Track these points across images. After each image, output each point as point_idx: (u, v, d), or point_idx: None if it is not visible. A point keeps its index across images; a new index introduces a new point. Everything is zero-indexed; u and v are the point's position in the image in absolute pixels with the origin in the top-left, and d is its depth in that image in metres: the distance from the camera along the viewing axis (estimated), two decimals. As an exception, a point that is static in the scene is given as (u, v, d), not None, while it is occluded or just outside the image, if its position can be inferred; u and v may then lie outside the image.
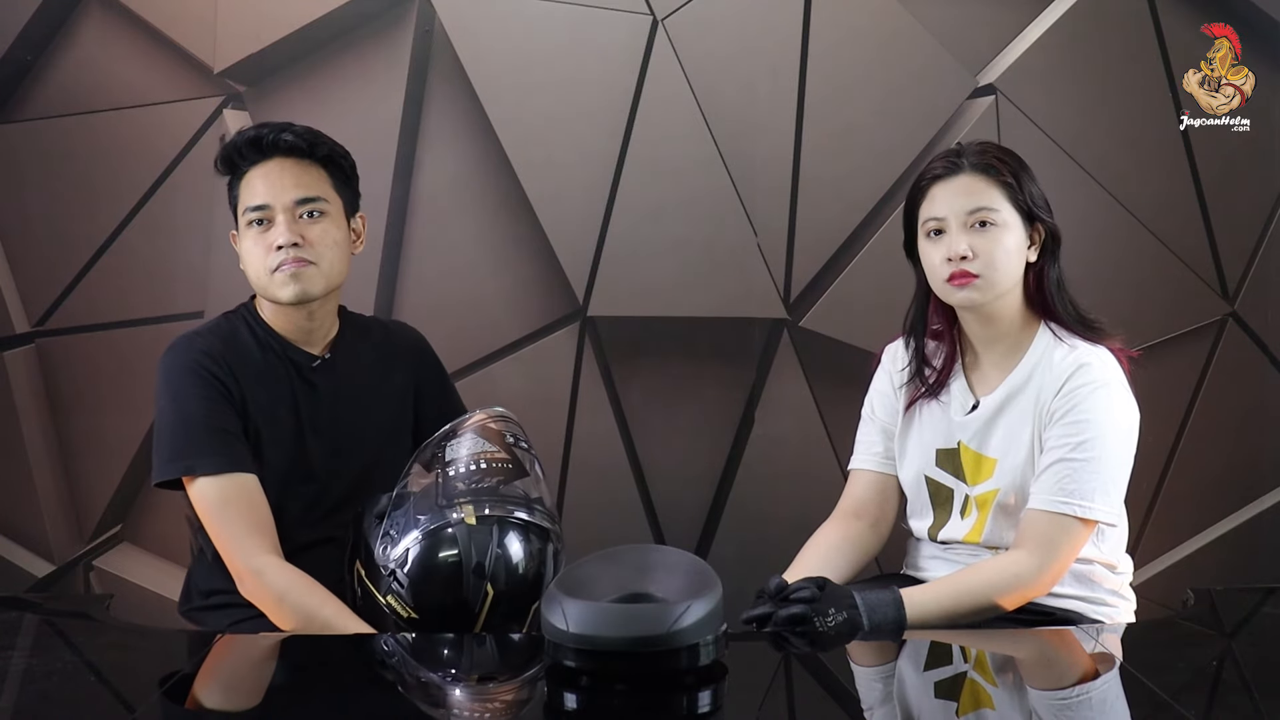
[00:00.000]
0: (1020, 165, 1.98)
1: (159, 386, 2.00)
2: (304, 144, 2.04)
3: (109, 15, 2.83)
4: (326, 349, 2.09)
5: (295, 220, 2.01)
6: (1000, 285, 1.94)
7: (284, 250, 1.99)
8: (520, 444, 1.95)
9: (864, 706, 1.58)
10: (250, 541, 1.92)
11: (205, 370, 1.97)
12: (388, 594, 1.84)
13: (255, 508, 1.94)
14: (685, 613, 1.48)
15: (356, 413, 2.09)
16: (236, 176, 2.05)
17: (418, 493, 1.87)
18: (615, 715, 1.49)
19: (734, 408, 2.95)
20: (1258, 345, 3.03)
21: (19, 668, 1.63)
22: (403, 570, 1.82)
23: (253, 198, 2.01)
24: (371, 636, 1.84)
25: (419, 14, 2.85)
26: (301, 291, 2.00)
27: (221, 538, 1.94)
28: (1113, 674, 1.66)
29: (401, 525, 1.85)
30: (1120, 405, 1.92)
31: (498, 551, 1.82)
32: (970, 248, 1.92)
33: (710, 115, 2.89)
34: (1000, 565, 1.90)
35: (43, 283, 2.87)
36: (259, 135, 2.03)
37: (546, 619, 1.52)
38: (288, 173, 2.02)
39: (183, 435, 1.95)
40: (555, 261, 2.89)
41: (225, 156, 2.04)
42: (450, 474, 1.86)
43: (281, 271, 1.99)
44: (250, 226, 2.02)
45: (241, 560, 1.92)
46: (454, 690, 1.65)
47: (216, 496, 1.93)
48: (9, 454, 2.88)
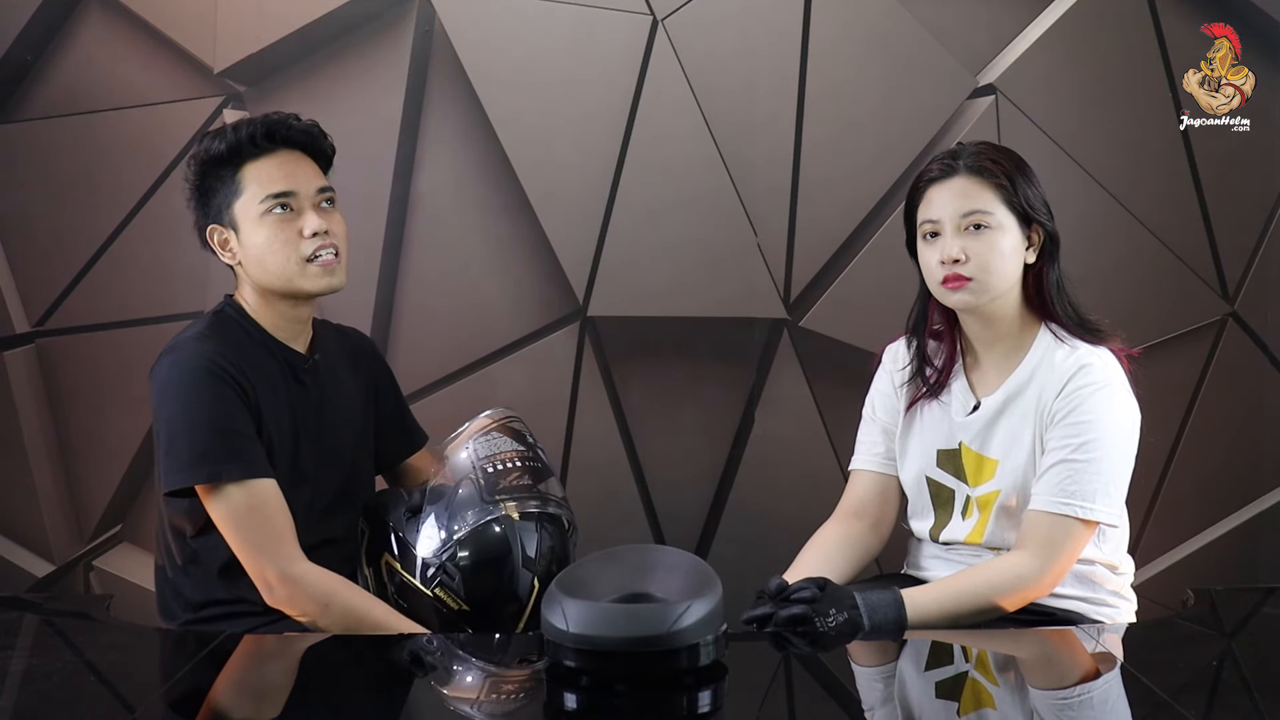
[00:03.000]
0: (1018, 166, 1.97)
1: (164, 391, 1.92)
2: (311, 138, 2.03)
3: (109, 15, 2.83)
4: (310, 349, 2.08)
5: (318, 209, 1.99)
6: (994, 288, 1.94)
7: (318, 238, 1.96)
8: (539, 444, 2.07)
9: (865, 707, 1.58)
10: (283, 550, 1.89)
11: (220, 372, 1.91)
12: (436, 586, 1.91)
13: (282, 512, 1.91)
14: (685, 613, 1.48)
15: (339, 413, 2.07)
16: (233, 167, 1.97)
17: (457, 488, 1.96)
18: (615, 715, 1.49)
19: (734, 408, 2.95)
20: (1258, 345, 3.03)
21: (19, 668, 1.63)
22: (452, 563, 1.91)
23: (273, 185, 1.96)
24: (369, 638, 1.85)
25: (419, 14, 2.85)
26: (333, 284, 1.99)
27: (248, 546, 1.89)
28: (1113, 674, 1.66)
29: (445, 519, 1.94)
30: (1122, 406, 1.92)
31: (543, 545, 1.95)
32: (964, 251, 1.92)
33: (710, 115, 2.89)
34: (1002, 566, 1.90)
35: (43, 283, 2.87)
36: (274, 123, 1.99)
37: (546, 619, 1.52)
38: (304, 163, 2.01)
39: (202, 440, 1.89)
40: (555, 261, 2.89)
41: (233, 146, 1.96)
42: (489, 470, 1.97)
43: (318, 263, 1.96)
44: (269, 215, 1.95)
45: (275, 569, 1.88)
46: (454, 690, 1.65)
47: (244, 503, 1.89)
48: (9, 454, 2.88)
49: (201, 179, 2.01)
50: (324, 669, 1.72)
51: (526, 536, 1.94)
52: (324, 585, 1.90)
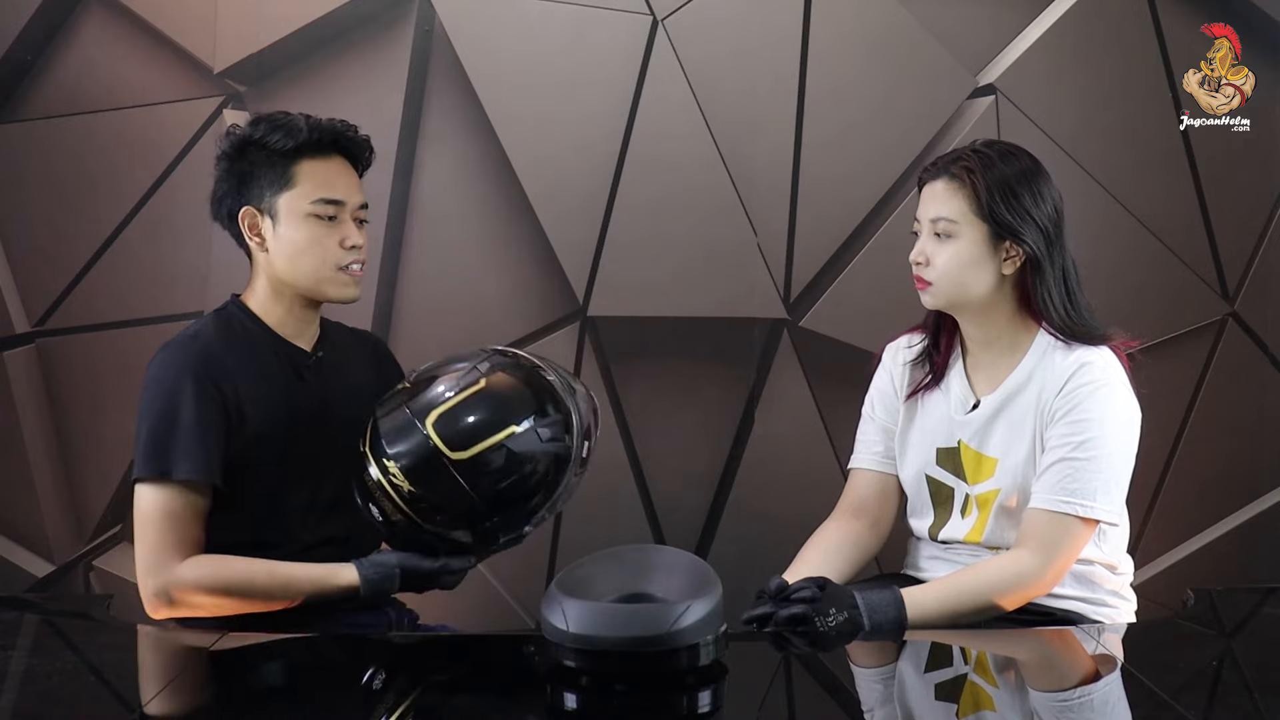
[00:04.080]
0: (1010, 177, 1.92)
1: (143, 387, 1.95)
2: (362, 152, 2.07)
3: (109, 15, 2.83)
4: (315, 347, 2.09)
5: (357, 224, 2.04)
6: (951, 294, 1.95)
7: (355, 251, 2.01)
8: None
9: (864, 707, 1.58)
10: (171, 561, 1.89)
11: (189, 372, 1.92)
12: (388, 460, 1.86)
13: (188, 525, 1.91)
14: (685, 613, 1.48)
15: (346, 410, 2.08)
16: (289, 159, 1.99)
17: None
18: (615, 715, 1.49)
19: (734, 408, 2.95)
20: (1258, 345, 3.03)
21: (19, 668, 1.63)
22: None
23: (327, 190, 1.99)
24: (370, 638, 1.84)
25: (419, 14, 2.85)
26: (356, 295, 2.05)
27: (142, 547, 1.90)
28: (1114, 675, 1.66)
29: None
30: (1122, 405, 1.92)
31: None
32: (925, 254, 1.95)
33: (710, 115, 2.89)
34: (1001, 565, 1.90)
35: (43, 283, 2.87)
36: (340, 131, 2.02)
37: (546, 619, 1.52)
38: (352, 174, 2.05)
39: (144, 438, 1.91)
40: (555, 261, 2.89)
41: (300, 141, 1.97)
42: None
43: (350, 273, 2.02)
44: (314, 219, 1.99)
45: (156, 580, 1.89)
46: (454, 690, 1.65)
47: (155, 506, 1.90)
48: (9, 454, 2.88)
49: (244, 159, 2.01)
50: (322, 669, 1.72)
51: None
52: (208, 575, 1.89)
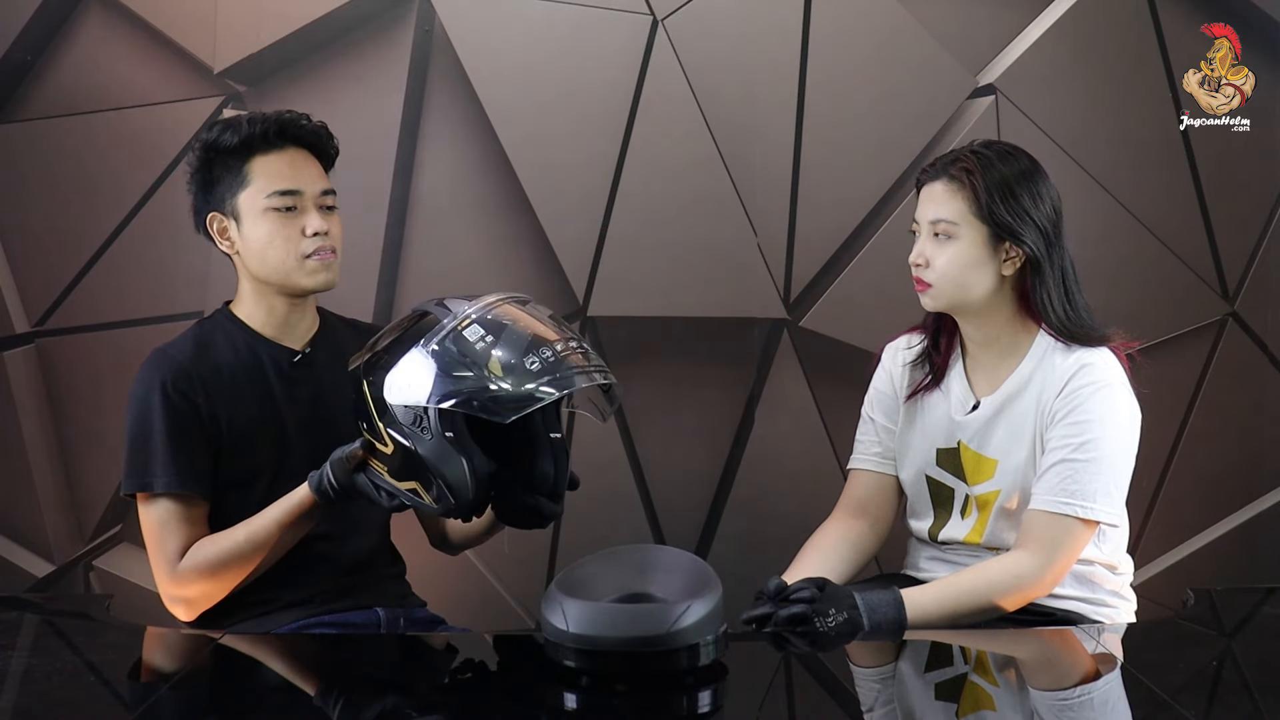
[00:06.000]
0: (1010, 177, 1.92)
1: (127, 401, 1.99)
2: (319, 139, 2.05)
3: (109, 15, 2.83)
4: (307, 344, 2.08)
5: (320, 210, 2.01)
6: (950, 296, 1.95)
7: (318, 238, 1.99)
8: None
9: (864, 707, 1.58)
10: (169, 566, 1.94)
11: (163, 387, 1.95)
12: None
13: (174, 533, 1.95)
14: (685, 613, 1.48)
15: (340, 407, 2.08)
16: (242, 159, 2.00)
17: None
18: (615, 715, 1.49)
19: (734, 408, 2.95)
20: (1258, 345, 3.03)
21: (19, 668, 1.63)
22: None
23: (281, 182, 1.99)
24: (370, 638, 1.84)
25: (419, 14, 2.85)
26: (329, 281, 2.02)
27: (150, 556, 1.97)
28: (1114, 674, 1.66)
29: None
30: (1122, 406, 1.92)
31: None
32: (926, 256, 1.95)
33: (710, 115, 2.89)
34: (1002, 565, 1.89)
35: (43, 283, 2.87)
36: (287, 121, 2.01)
37: (546, 619, 1.52)
38: (310, 163, 2.03)
39: (129, 452, 1.95)
40: (555, 261, 2.89)
41: (246, 139, 1.99)
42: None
43: (316, 259, 2.00)
44: (272, 212, 1.98)
45: (164, 582, 1.96)
46: (455, 690, 1.65)
47: (149, 518, 1.95)
48: (9, 454, 2.87)
49: (207, 166, 2.02)
50: (323, 668, 1.72)
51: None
52: (195, 563, 1.92)
